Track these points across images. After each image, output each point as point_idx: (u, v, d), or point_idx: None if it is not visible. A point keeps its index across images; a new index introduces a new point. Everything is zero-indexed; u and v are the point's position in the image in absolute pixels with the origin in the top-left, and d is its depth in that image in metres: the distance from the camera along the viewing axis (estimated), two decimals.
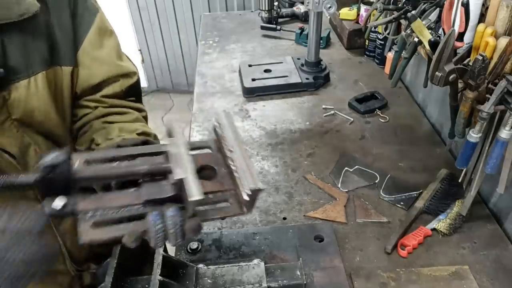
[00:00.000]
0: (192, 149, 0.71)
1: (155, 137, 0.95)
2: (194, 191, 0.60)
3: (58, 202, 0.60)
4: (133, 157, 0.69)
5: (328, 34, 2.19)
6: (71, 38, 0.88)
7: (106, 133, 0.89)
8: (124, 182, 0.68)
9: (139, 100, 1.04)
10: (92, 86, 0.94)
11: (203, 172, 0.71)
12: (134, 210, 0.64)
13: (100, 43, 0.93)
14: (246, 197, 0.63)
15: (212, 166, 0.71)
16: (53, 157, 0.60)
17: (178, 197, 0.65)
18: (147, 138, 0.86)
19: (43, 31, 0.82)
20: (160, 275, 0.86)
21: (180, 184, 0.63)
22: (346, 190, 1.30)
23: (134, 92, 1.01)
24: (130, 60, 1.03)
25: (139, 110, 1.02)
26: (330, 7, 1.58)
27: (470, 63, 0.92)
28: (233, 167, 0.67)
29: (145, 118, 1.03)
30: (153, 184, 0.67)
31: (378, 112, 1.65)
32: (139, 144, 0.77)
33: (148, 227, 0.61)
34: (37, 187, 0.62)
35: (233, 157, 0.68)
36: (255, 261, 1.00)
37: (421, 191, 1.27)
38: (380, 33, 1.89)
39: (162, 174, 0.68)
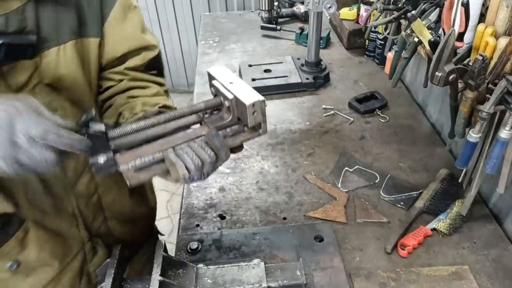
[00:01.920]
0: (206, 108, 0.81)
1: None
2: (246, 99, 0.75)
3: (101, 158, 0.69)
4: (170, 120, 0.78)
5: (328, 34, 2.19)
6: (98, 12, 0.93)
7: (131, 107, 0.95)
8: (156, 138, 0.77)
9: (160, 74, 1.09)
10: (116, 58, 0.99)
11: (215, 114, 0.83)
12: (165, 153, 0.74)
13: (124, 17, 0.98)
14: (249, 103, 0.74)
15: (220, 104, 0.81)
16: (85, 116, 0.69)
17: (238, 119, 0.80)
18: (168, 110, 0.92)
19: (73, 4, 0.88)
20: (160, 275, 0.87)
21: (235, 104, 0.77)
22: (346, 190, 1.30)
23: (155, 66, 1.06)
24: (153, 35, 1.08)
25: (160, 84, 1.07)
26: (330, 7, 1.58)
27: (470, 63, 0.92)
28: (234, 92, 0.77)
29: (166, 92, 1.09)
30: (215, 116, 0.81)
31: (378, 112, 1.65)
32: (158, 114, 0.84)
33: (173, 160, 0.72)
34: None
35: (235, 86, 0.78)
36: (255, 261, 1.00)
37: (421, 191, 1.27)
38: (380, 33, 1.89)
39: (218, 107, 0.81)
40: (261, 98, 0.76)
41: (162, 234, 1.42)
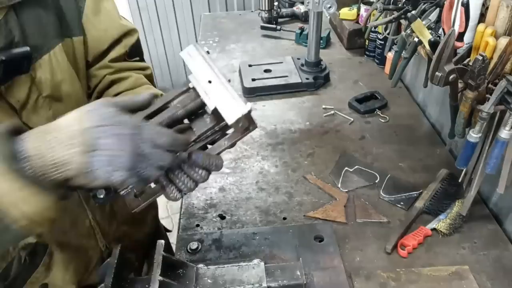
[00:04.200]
0: (176, 97, 0.73)
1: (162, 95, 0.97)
2: (229, 114, 0.66)
3: (100, 192, 0.69)
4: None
5: (328, 34, 2.19)
6: (75, 8, 0.88)
7: None
8: None
9: (142, 59, 1.06)
10: (102, 52, 0.95)
11: (196, 117, 0.75)
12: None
13: (99, 7, 0.93)
14: (232, 122, 0.66)
15: (202, 105, 0.72)
16: None
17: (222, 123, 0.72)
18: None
19: (52, 4, 0.83)
20: (160, 275, 0.86)
21: (217, 112, 0.68)
22: (346, 190, 1.30)
23: (137, 51, 1.03)
24: (127, 20, 1.05)
25: (143, 69, 1.04)
26: (330, 7, 1.58)
27: (470, 63, 0.92)
28: (214, 100, 0.68)
29: (150, 76, 1.05)
30: (199, 121, 0.73)
31: (378, 112, 1.65)
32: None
33: (164, 184, 0.72)
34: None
35: (213, 87, 0.69)
36: (255, 261, 1.00)
37: (421, 191, 1.27)
38: (380, 33, 1.89)
39: (200, 109, 0.73)
40: (245, 110, 0.66)
41: (169, 231, 1.41)
